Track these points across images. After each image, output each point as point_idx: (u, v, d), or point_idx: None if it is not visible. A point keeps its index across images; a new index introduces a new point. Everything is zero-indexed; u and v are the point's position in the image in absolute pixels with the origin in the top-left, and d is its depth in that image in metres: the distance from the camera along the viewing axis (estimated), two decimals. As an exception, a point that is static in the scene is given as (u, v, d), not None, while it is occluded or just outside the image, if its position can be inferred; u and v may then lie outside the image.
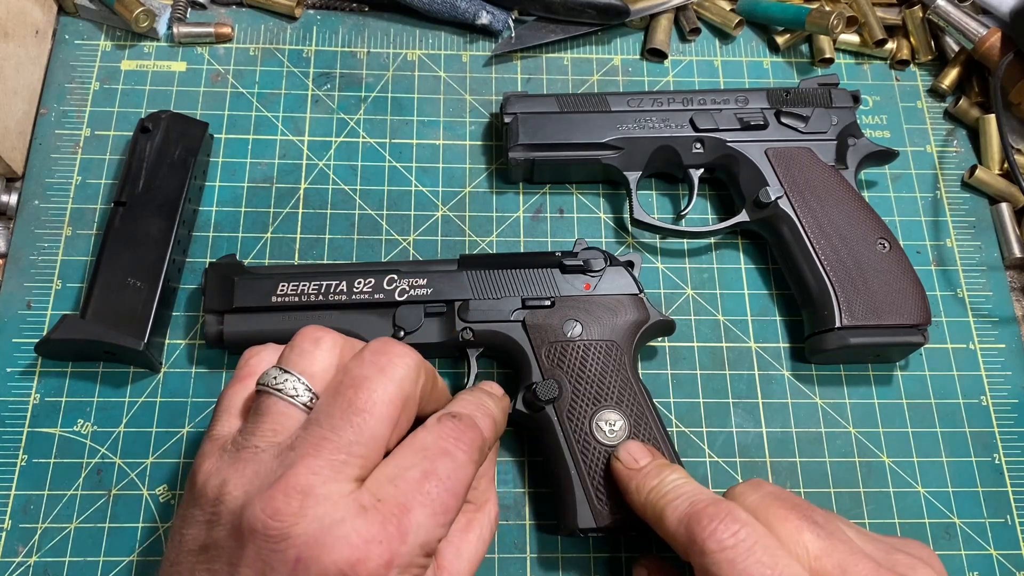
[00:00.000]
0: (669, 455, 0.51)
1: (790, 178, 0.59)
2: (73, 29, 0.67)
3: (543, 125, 0.61)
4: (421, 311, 0.54)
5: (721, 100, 0.62)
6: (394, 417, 0.39)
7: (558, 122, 0.61)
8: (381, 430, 0.38)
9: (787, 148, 0.60)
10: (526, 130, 0.60)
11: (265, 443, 0.38)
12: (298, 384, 0.40)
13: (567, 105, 0.61)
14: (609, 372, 0.52)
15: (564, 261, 0.55)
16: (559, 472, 0.51)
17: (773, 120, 0.61)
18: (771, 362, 0.59)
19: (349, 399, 0.38)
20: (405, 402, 0.40)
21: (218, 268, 0.55)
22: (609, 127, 0.61)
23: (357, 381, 0.39)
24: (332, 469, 0.36)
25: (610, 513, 0.49)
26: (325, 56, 0.68)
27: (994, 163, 0.66)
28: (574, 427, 0.51)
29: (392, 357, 0.40)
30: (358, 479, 0.37)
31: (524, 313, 0.54)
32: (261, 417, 0.40)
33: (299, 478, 0.36)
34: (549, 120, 0.61)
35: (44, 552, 0.52)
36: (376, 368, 0.40)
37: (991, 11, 0.67)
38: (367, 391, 0.39)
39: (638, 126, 0.61)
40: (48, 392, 0.56)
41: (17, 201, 0.61)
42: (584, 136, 0.61)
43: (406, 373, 0.40)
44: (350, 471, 0.37)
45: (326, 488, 0.36)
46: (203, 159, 0.61)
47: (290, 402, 0.40)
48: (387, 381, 0.39)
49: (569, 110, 0.61)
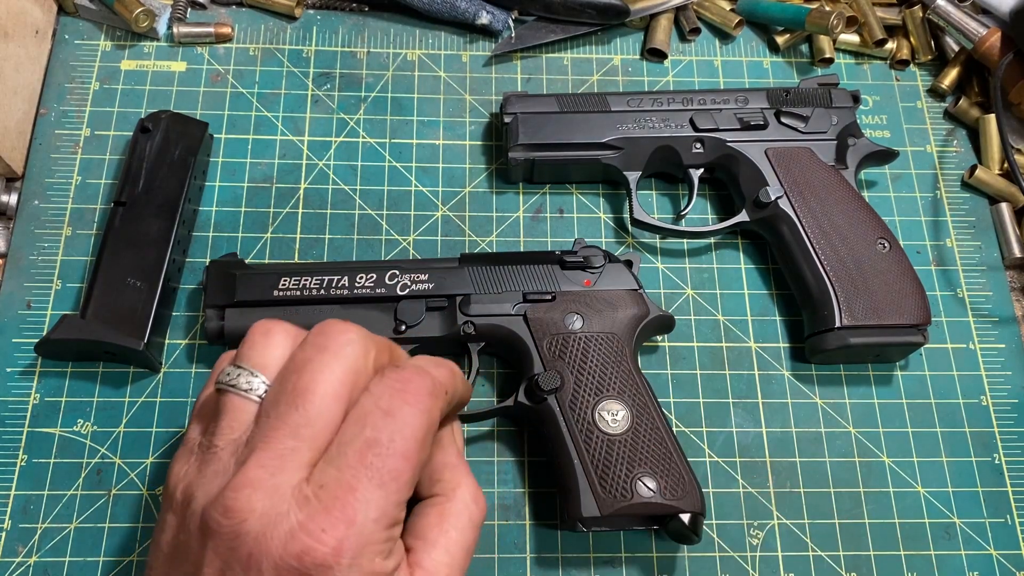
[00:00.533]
0: (673, 445, 0.51)
1: (790, 178, 0.59)
2: (73, 29, 0.67)
3: (543, 125, 0.61)
4: (423, 305, 0.54)
5: (721, 100, 0.62)
6: (342, 394, 0.38)
7: (558, 122, 0.61)
8: (329, 407, 0.37)
9: (787, 148, 0.60)
10: (526, 130, 0.60)
11: (224, 442, 0.38)
12: (252, 378, 0.40)
13: (567, 105, 0.61)
14: (610, 363, 0.52)
15: (564, 258, 0.55)
16: (562, 462, 0.51)
17: (773, 120, 0.61)
18: (771, 362, 0.59)
19: (293, 383, 0.38)
20: (354, 378, 0.39)
21: (219, 264, 0.55)
22: (609, 127, 0.61)
23: (299, 365, 0.38)
24: (281, 458, 0.36)
25: (614, 501, 0.49)
26: (325, 56, 0.68)
27: (994, 163, 0.66)
28: (576, 417, 0.51)
29: (333, 335, 0.39)
30: (310, 463, 0.37)
31: (525, 307, 0.54)
32: (220, 416, 0.39)
33: (248, 473, 0.35)
34: (549, 120, 0.61)
35: (44, 552, 0.52)
36: (317, 349, 0.39)
37: (991, 11, 0.67)
38: (309, 372, 0.38)
39: (638, 126, 0.61)
40: (48, 392, 0.56)
41: (17, 201, 0.61)
42: (584, 136, 0.61)
43: (351, 349, 0.39)
44: (301, 456, 0.36)
45: (274, 480, 0.35)
46: (203, 159, 0.61)
47: (244, 397, 0.39)
48: (330, 358, 0.38)
49: (569, 110, 0.61)
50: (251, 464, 0.36)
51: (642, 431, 0.51)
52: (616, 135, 0.60)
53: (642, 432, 0.51)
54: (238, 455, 0.37)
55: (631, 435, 0.51)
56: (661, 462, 0.50)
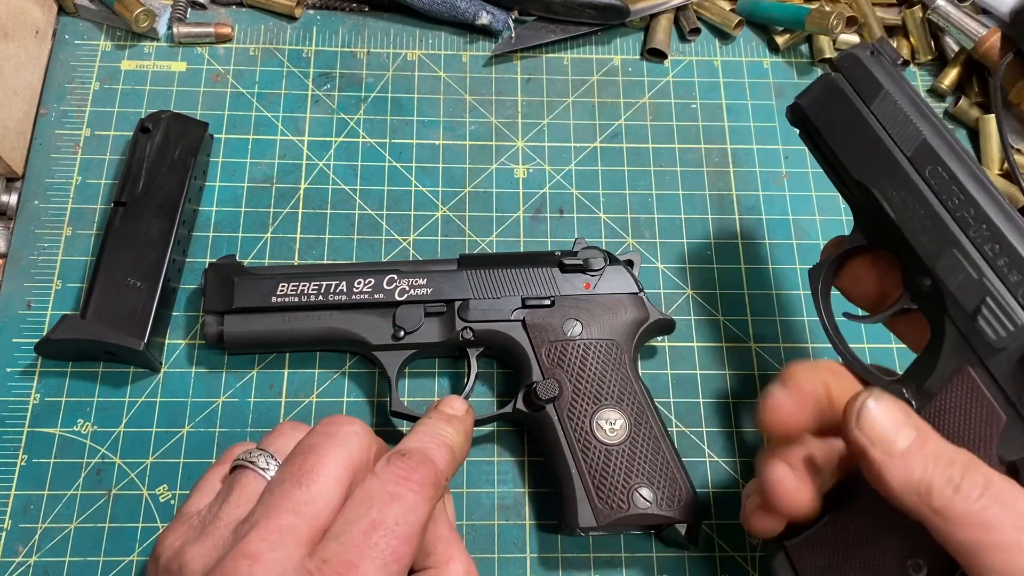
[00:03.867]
0: (670, 454, 0.51)
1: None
2: (73, 29, 0.67)
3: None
4: (421, 311, 0.54)
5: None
6: (344, 479, 0.39)
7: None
8: (332, 489, 0.39)
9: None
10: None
11: (226, 514, 0.39)
12: (270, 459, 0.42)
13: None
14: (609, 371, 0.52)
15: (564, 260, 0.55)
16: (560, 471, 0.51)
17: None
18: (771, 362, 0.59)
19: (298, 464, 0.40)
20: (356, 466, 0.40)
21: (218, 268, 0.55)
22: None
23: (306, 448, 0.40)
24: (281, 533, 0.37)
25: (610, 512, 0.49)
26: (325, 56, 0.68)
27: (994, 163, 0.66)
28: (574, 426, 0.51)
29: (341, 426, 0.41)
30: (310, 541, 0.37)
31: (524, 312, 0.54)
32: (230, 489, 0.41)
33: (249, 546, 0.36)
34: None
35: (44, 552, 0.52)
36: (324, 436, 0.41)
37: (991, 11, 0.67)
38: (316, 455, 0.40)
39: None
40: (48, 392, 0.56)
41: (17, 201, 0.61)
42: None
43: (356, 440, 0.41)
44: (300, 533, 0.37)
45: (275, 554, 0.36)
46: (203, 159, 0.61)
47: (259, 474, 0.41)
48: (336, 445, 0.40)
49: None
50: (252, 537, 0.37)
51: (640, 440, 0.51)
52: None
53: (640, 441, 0.51)
54: (237, 532, 0.38)
55: (628, 445, 0.51)
56: (658, 472, 0.50)
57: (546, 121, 0.67)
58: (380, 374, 0.57)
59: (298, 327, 0.54)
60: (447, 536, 0.44)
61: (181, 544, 0.39)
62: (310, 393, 0.57)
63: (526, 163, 0.65)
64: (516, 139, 0.66)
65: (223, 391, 0.56)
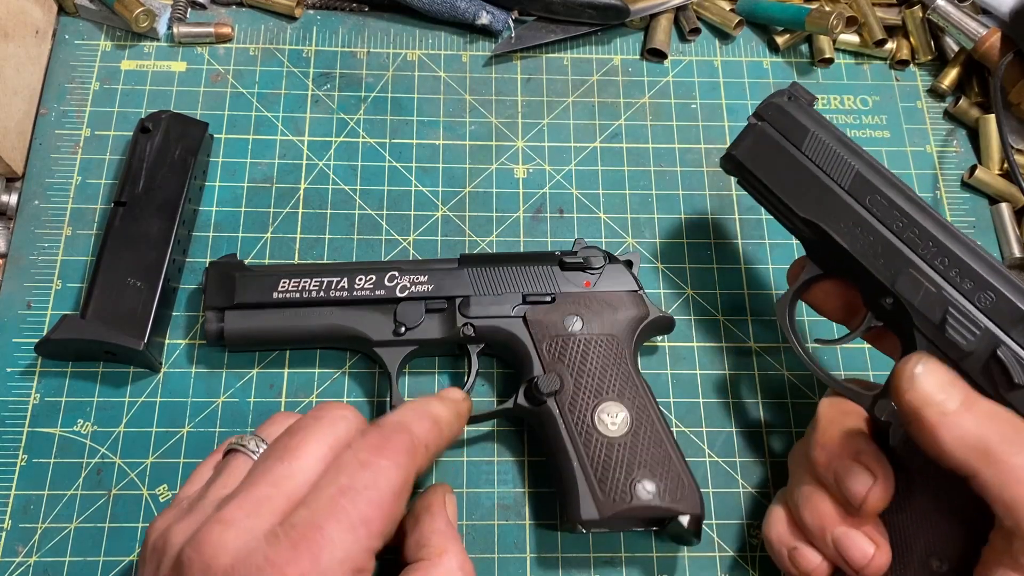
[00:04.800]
0: (672, 447, 0.51)
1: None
2: (73, 29, 0.67)
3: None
4: (422, 307, 0.54)
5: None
6: (327, 458, 0.40)
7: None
8: (313, 467, 0.39)
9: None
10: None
11: (213, 495, 0.40)
12: (260, 443, 0.42)
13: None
14: (610, 365, 0.52)
15: (564, 259, 0.56)
16: (561, 465, 0.51)
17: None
18: (771, 362, 0.59)
19: (283, 443, 0.40)
20: (341, 448, 0.40)
21: (219, 266, 0.55)
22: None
23: (293, 429, 0.41)
24: (258, 503, 0.38)
25: (613, 504, 0.49)
26: (325, 56, 0.68)
27: (994, 163, 0.66)
28: (576, 419, 0.51)
29: (331, 410, 0.42)
30: (284, 512, 0.38)
31: (525, 308, 0.54)
32: (219, 472, 0.42)
33: (225, 514, 0.37)
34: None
35: (44, 552, 0.52)
36: (313, 419, 0.41)
37: (991, 11, 0.67)
38: (301, 435, 0.40)
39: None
40: (48, 392, 0.56)
41: (17, 201, 0.61)
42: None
43: (344, 424, 0.41)
44: (276, 504, 0.38)
45: (248, 521, 0.37)
46: (203, 159, 0.61)
47: (249, 456, 0.42)
48: (322, 427, 0.41)
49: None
50: (230, 506, 0.38)
51: (641, 433, 0.51)
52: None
53: (641, 434, 0.51)
54: (220, 506, 0.38)
55: (630, 437, 0.51)
56: (660, 464, 0.50)
57: (546, 121, 0.67)
58: (380, 374, 0.57)
59: (299, 323, 0.54)
60: (444, 530, 0.44)
61: (168, 525, 0.39)
62: (310, 393, 0.57)
63: (526, 163, 0.65)
64: (516, 139, 0.66)
65: (223, 391, 0.56)
